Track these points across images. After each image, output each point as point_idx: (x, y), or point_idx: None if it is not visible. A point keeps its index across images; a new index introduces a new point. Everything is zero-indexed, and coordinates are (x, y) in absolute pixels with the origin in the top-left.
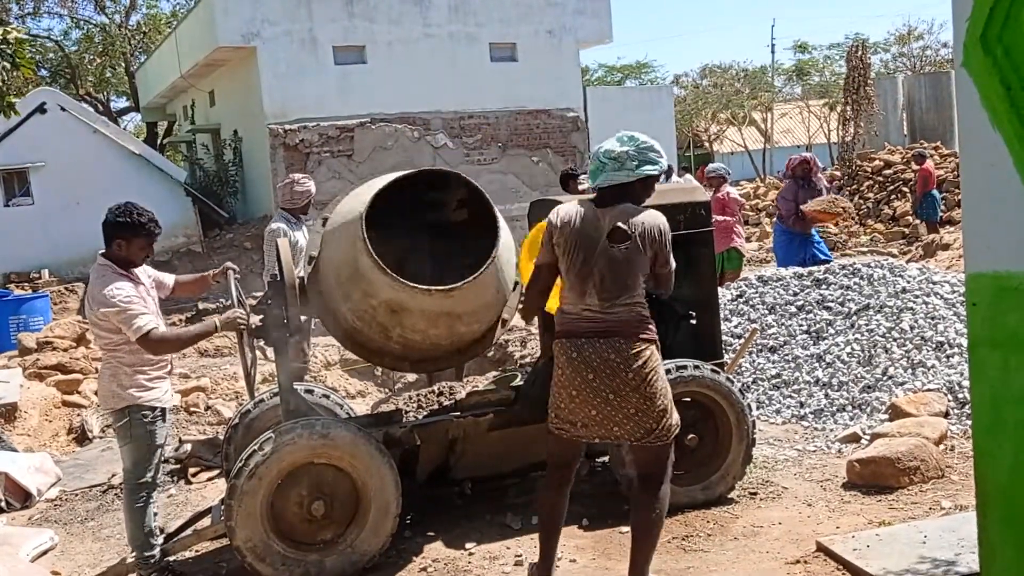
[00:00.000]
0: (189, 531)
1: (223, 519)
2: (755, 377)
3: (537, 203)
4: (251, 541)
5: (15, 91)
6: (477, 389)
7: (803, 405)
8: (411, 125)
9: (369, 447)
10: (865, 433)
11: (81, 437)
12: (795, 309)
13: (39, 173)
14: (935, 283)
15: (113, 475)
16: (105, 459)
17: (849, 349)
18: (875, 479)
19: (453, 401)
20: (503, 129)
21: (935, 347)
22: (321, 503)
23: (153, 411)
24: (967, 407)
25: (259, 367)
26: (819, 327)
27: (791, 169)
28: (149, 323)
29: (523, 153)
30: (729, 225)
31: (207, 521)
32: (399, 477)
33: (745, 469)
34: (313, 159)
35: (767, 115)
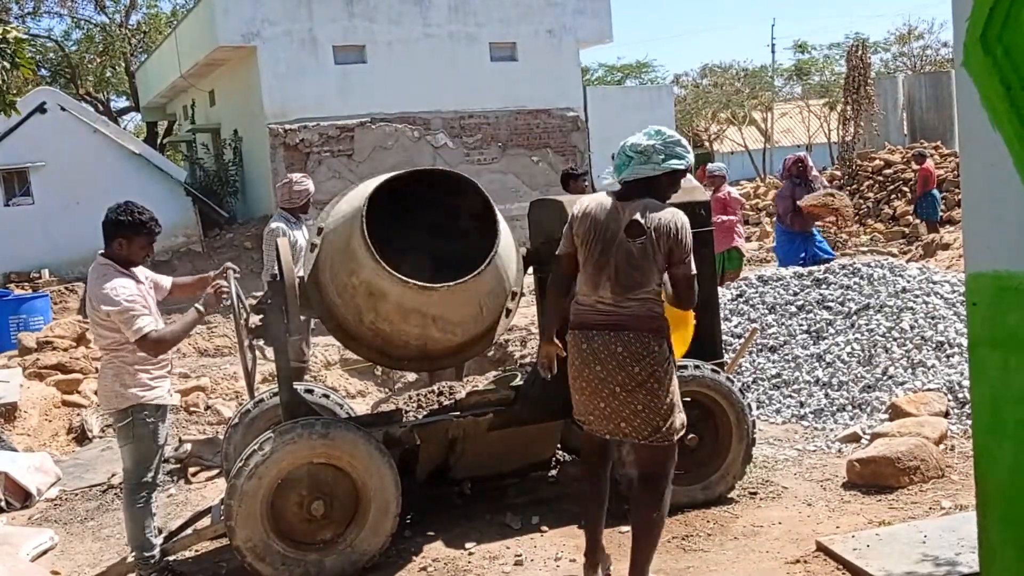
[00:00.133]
0: (189, 531)
1: (223, 519)
2: (755, 377)
3: (537, 203)
4: (251, 541)
5: (15, 90)
6: (477, 389)
7: (803, 405)
8: (411, 125)
9: (369, 447)
10: (865, 433)
11: (81, 437)
12: (795, 309)
13: (39, 173)
14: (935, 283)
15: (113, 475)
16: (105, 459)
17: (849, 349)
18: (875, 479)
19: (453, 401)
20: (503, 129)
21: (935, 347)
22: (321, 503)
23: (156, 410)
24: (967, 407)
25: (259, 367)
26: (819, 327)
27: (787, 169)
28: (148, 324)
29: (523, 153)
30: (731, 225)
31: (207, 521)
32: (399, 477)
33: (745, 469)
34: (313, 159)
35: (767, 115)
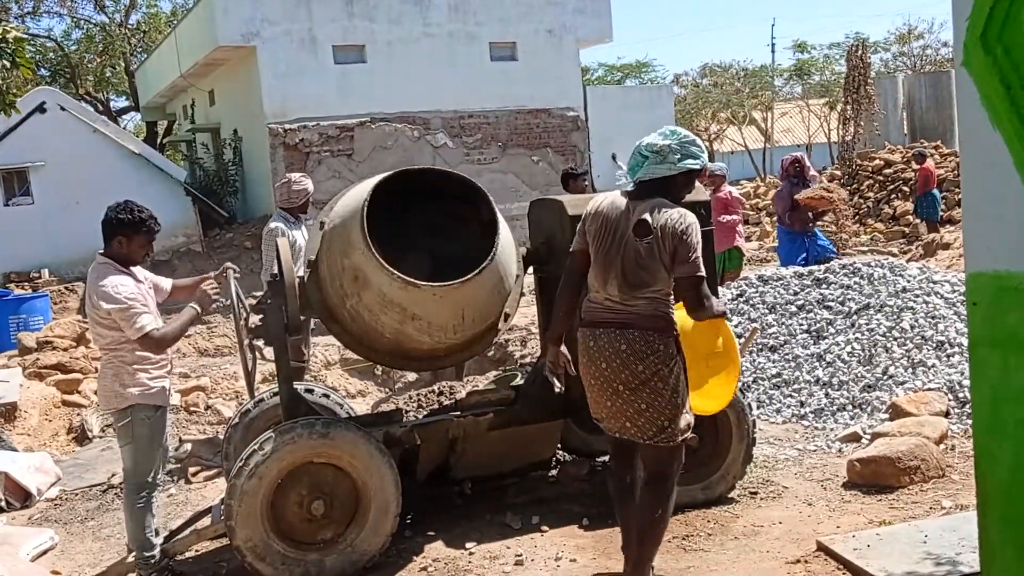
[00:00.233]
0: (189, 531)
1: (223, 519)
2: (755, 376)
3: (537, 203)
4: (251, 541)
5: (15, 90)
6: (477, 389)
7: (803, 404)
8: (411, 124)
9: (369, 446)
10: (865, 432)
11: (81, 437)
12: (795, 308)
13: (39, 172)
14: (935, 282)
15: (113, 475)
16: (105, 459)
17: (849, 348)
18: (875, 478)
19: (453, 401)
20: (503, 128)
21: (935, 346)
22: (321, 502)
23: (156, 410)
24: (967, 406)
25: (259, 367)
26: (819, 326)
27: (784, 169)
28: (150, 323)
29: (523, 152)
30: (733, 224)
31: (207, 521)
32: (399, 476)
33: (745, 468)
34: (313, 158)
35: (767, 114)
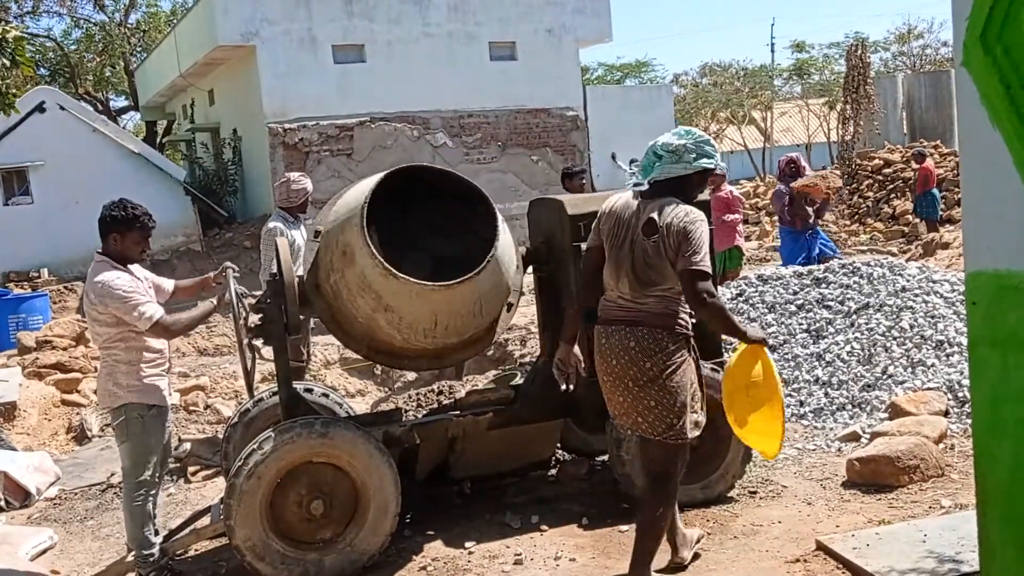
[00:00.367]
0: (188, 530)
1: (222, 518)
2: None
3: (536, 202)
4: (250, 540)
5: (15, 90)
6: (477, 388)
7: (803, 404)
8: (410, 124)
9: (368, 446)
10: (865, 432)
11: (80, 436)
12: (795, 308)
13: (38, 172)
14: (935, 282)
15: (112, 474)
16: (104, 458)
17: (849, 348)
18: (875, 478)
19: (452, 400)
20: (503, 128)
21: (935, 346)
22: (320, 502)
23: (149, 409)
24: (967, 406)
25: (258, 366)
26: (819, 326)
27: (781, 170)
28: (158, 310)
29: (523, 152)
30: (734, 224)
31: (206, 520)
32: (398, 476)
33: (745, 468)
34: (312, 158)
35: (767, 114)
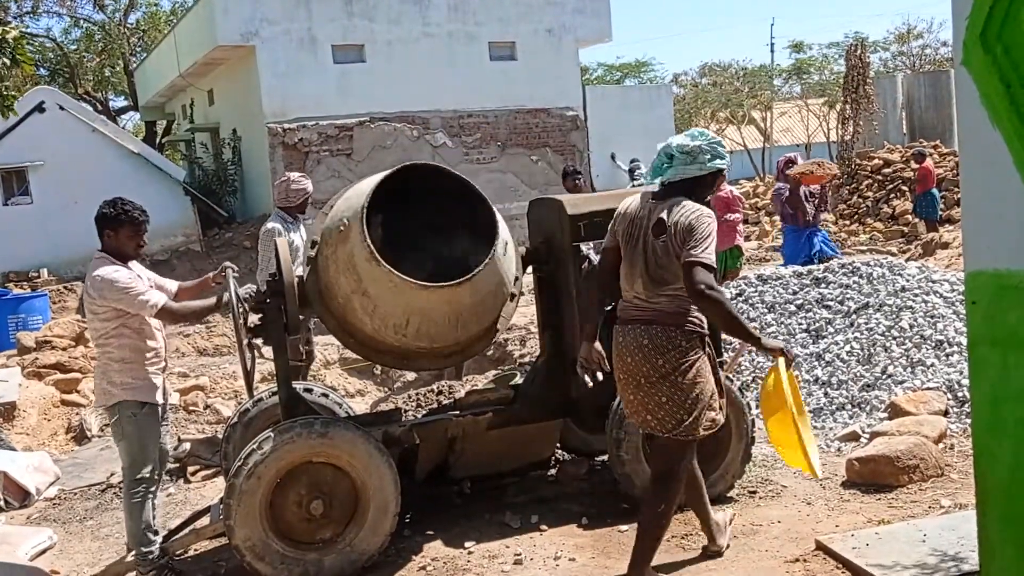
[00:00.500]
0: (188, 530)
1: (222, 518)
2: (755, 376)
3: (536, 202)
4: (250, 540)
5: (15, 90)
6: (476, 388)
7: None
8: (410, 124)
9: (368, 446)
10: (864, 432)
11: (80, 436)
12: (794, 308)
13: (38, 172)
14: (934, 281)
15: (112, 474)
16: (104, 458)
17: (848, 348)
18: (874, 477)
19: (452, 400)
20: (502, 128)
21: (934, 345)
22: (320, 502)
23: (142, 407)
24: (967, 405)
25: (258, 366)
26: (818, 326)
27: (780, 170)
28: (161, 297)
29: (522, 152)
30: (735, 223)
31: (206, 520)
32: (398, 476)
33: (744, 467)
34: (312, 158)
35: (766, 114)
